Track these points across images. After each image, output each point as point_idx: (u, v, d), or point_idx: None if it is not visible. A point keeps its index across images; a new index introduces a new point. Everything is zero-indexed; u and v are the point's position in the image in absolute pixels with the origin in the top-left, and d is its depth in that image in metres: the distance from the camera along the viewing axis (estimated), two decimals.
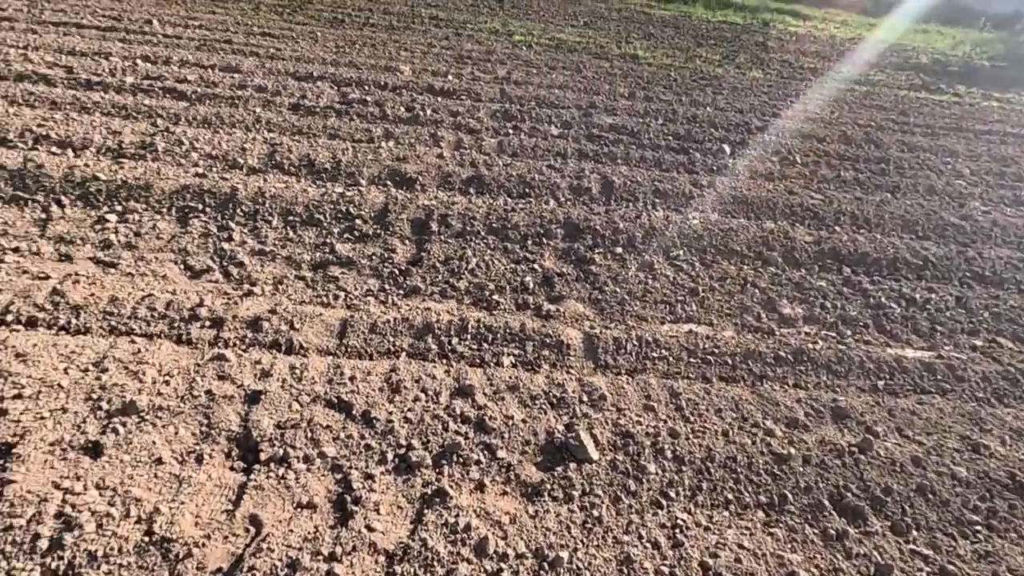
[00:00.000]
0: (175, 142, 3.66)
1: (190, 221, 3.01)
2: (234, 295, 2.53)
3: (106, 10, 6.65)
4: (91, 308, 2.31)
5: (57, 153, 3.41)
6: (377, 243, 3.00)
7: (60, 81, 4.40)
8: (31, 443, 1.68)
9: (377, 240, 3.02)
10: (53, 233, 2.83)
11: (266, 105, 4.39)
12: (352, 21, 7.41)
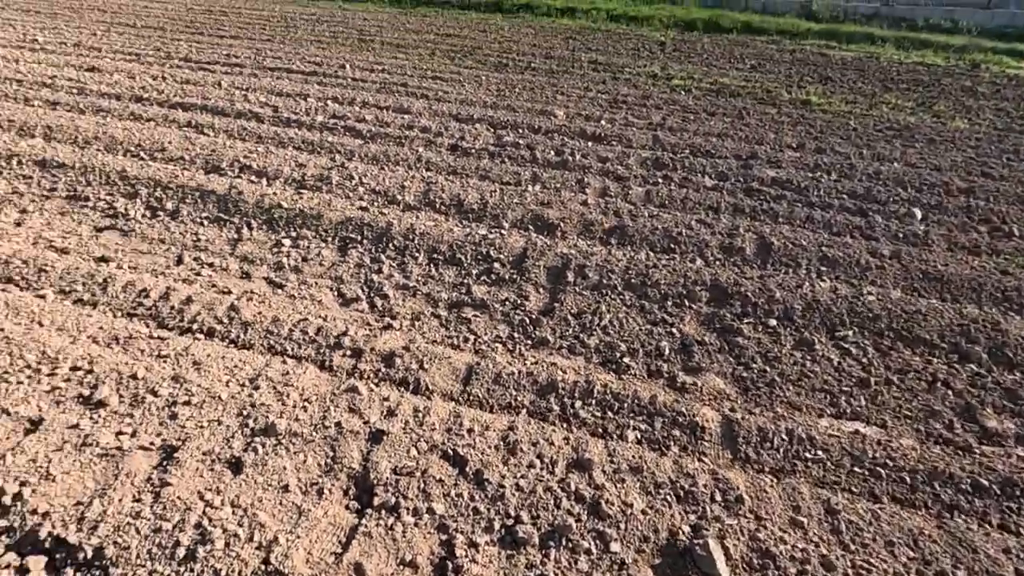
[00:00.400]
0: (347, 176, 4.06)
1: (349, 251, 3.28)
2: (375, 327, 2.67)
3: (312, 57, 7.74)
4: (257, 325, 2.58)
5: (255, 182, 3.95)
6: (512, 288, 3.00)
7: (267, 119, 5.15)
8: (189, 450, 1.87)
9: (512, 285, 3.02)
10: (240, 252, 3.25)
11: (428, 145, 4.71)
12: (515, 65, 7.79)
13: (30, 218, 3.47)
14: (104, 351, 2.33)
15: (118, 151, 4.33)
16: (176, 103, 5.43)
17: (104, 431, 1.92)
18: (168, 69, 6.69)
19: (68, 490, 1.71)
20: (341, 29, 9.92)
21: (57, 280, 2.83)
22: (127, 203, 3.66)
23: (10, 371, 2.18)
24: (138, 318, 2.60)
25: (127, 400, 2.08)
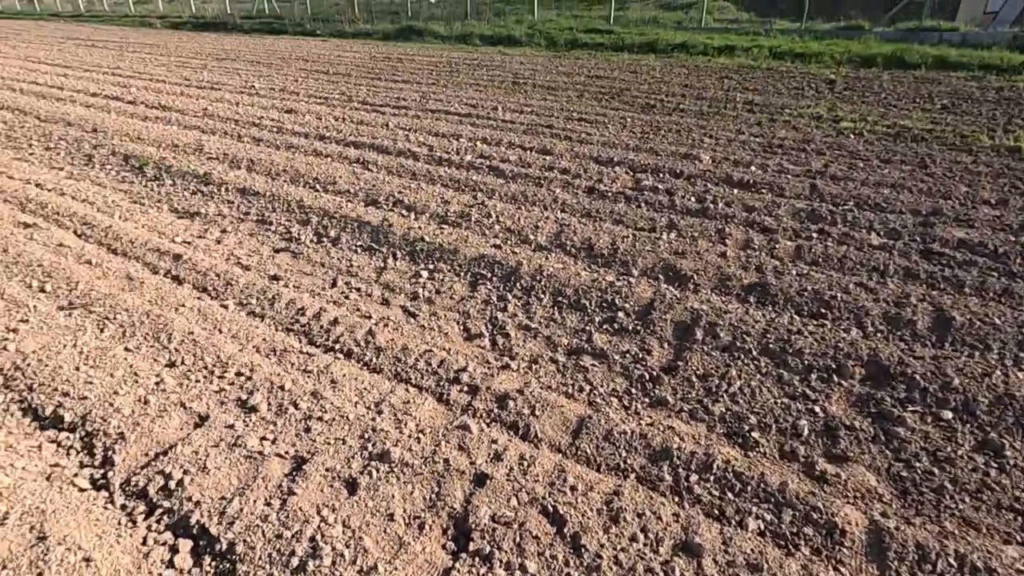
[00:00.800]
0: (485, 214, 4.26)
1: (478, 287, 3.42)
2: (494, 365, 2.73)
3: (469, 99, 8.35)
4: (388, 351, 2.77)
5: (404, 215, 4.32)
6: (634, 340, 2.89)
7: (422, 157, 5.63)
8: (315, 464, 2.05)
9: (635, 337, 2.91)
10: (383, 280, 3.55)
11: (565, 186, 4.80)
12: (663, 107, 7.67)
13: (227, 237, 4.13)
14: (263, 361, 2.66)
15: (300, 183, 5.01)
16: (350, 141, 6.17)
17: (251, 435, 2.19)
18: (348, 111, 7.66)
19: (216, 484, 1.96)
20: (498, 73, 10.60)
21: (238, 293, 3.31)
22: (300, 229, 4.21)
23: (192, 370, 2.58)
24: (293, 333, 2.94)
25: (274, 408, 2.34)
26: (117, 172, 5.45)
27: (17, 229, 4.06)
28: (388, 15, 21.49)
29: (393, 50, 14.61)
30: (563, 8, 21.83)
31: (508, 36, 15.61)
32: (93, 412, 2.29)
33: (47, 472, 2.03)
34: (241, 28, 20.66)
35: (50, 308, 3.05)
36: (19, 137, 6.54)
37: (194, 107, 7.88)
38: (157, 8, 28.69)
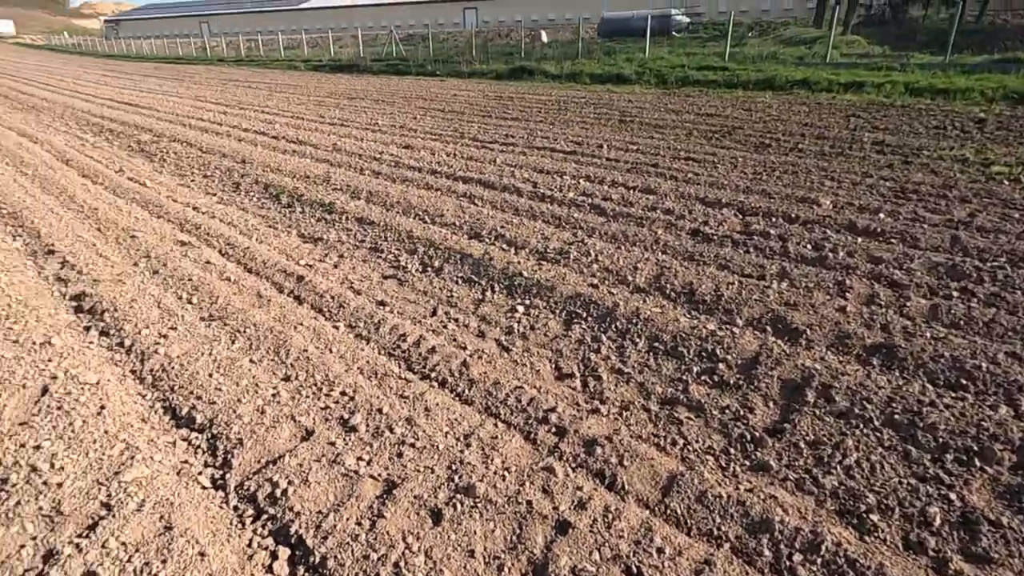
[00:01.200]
0: (584, 252, 4.27)
1: (572, 326, 3.41)
2: (583, 408, 2.69)
3: (575, 137, 8.49)
4: (480, 384, 2.83)
5: (505, 250, 4.44)
6: (735, 395, 2.72)
7: (526, 193, 5.78)
8: (404, 489, 2.12)
9: (736, 392, 2.74)
10: (480, 312, 3.65)
11: (668, 227, 4.69)
12: (779, 146, 7.30)
13: (343, 262, 4.48)
14: (365, 383, 2.83)
15: (411, 214, 5.34)
16: (459, 176, 6.50)
17: (350, 454, 2.32)
18: (459, 147, 8.09)
19: (315, 498, 2.09)
20: (605, 111, 10.70)
21: (348, 315, 3.57)
22: (408, 258, 4.47)
23: (304, 386, 2.80)
24: (394, 359, 3.10)
25: (371, 430, 2.47)
26: (258, 199, 6.14)
27: (175, 246, 4.69)
28: (503, 56, 22.61)
29: (505, 89, 15.29)
30: (676, 46, 21.70)
31: (617, 74, 15.75)
32: (219, 417, 2.55)
33: (178, 467, 2.28)
34: (371, 70, 22.71)
35: (194, 318, 3.47)
36: (184, 166, 7.60)
37: (325, 142, 8.73)
38: (302, 53, 32.41)
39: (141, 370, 2.96)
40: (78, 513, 2.02)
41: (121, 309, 3.56)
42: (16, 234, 5.02)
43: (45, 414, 2.54)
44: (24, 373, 2.85)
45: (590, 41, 26.32)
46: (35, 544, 1.91)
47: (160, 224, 5.27)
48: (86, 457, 2.29)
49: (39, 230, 5.02)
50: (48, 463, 2.24)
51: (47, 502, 2.07)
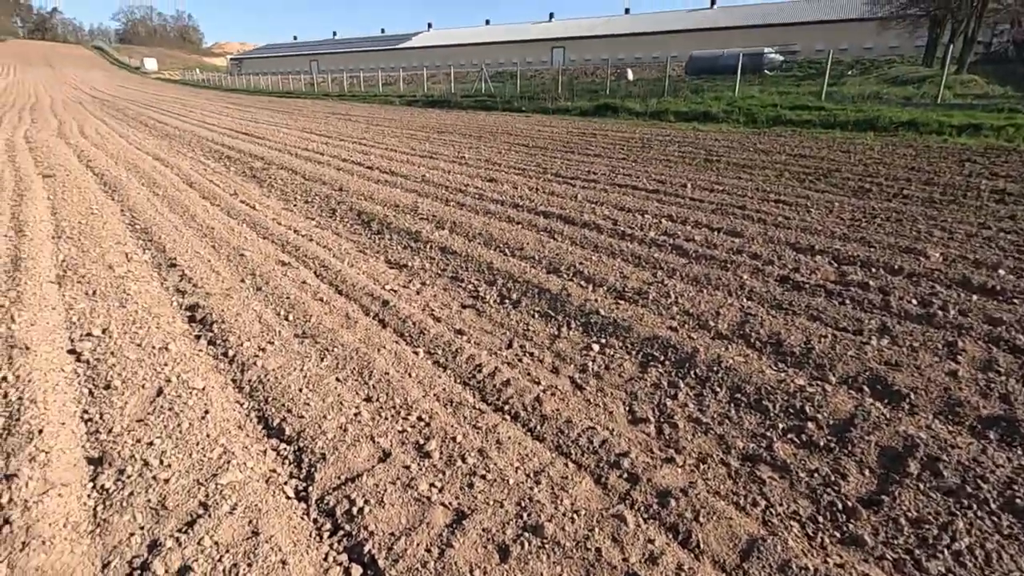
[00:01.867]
0: (663, 293, 4.19)
1: (649, 369, 3.34)
2: (657, 456, 2.61)
3: (658, 175, 8.43)
4: (552, 422, 2.82)
5: (582, 286, 4.45)
6: (826, 459, 2.54)
7: (606, 230, 5.78)
8: (473, 521, 2.14)
9: (827, 455, 2.55)
10: (556, 348, 3.66)
11: (754, 273, 4.51)
12: (881, 192, 6.87)
13: (426, 289, 4.66)
14: (441, 410, 2.90)
15: (491, 246, 5.49)
16: (540, 210, 6.62)
17: (423, 479, 2.38)
18: (542, 182, 8.25)
19: (389, 519, 2.16)
20: (690, 149, 10.56)
21: (428, 342, 3.69)
22: (487, 289, 4.58)
23: (384, 407, 2.92)
24: (469, 388, 3.17)
25: (444, 458, 2.52)
26: (351, 225, 6.56)
27: (277, 266, 5.08)
28: (588, 93, 22.98)
29: (589, 125, 15.49)
30: (767, 84, 21.13)
31: (704, 112, 15.54)
32: (306, 431, 2.71)
33: (267, 475, 2.44)
34: (460, 105, 23.81)
35: (289, 335, 3.73)
36: (289, 192, 8.28)
37: (415, 173, 9.20)
38: (398, 88, 34.59)
39: (241, 380, 3.21)
40: (180, 509, 2.20)
41: (228, 321, 3.89)
42: (146, 247, 5.66)
43: (158, 413, 2.81)
44: (144, 375, 3.18)
45: (677, 79, 26.21)
46: (143, 533, 2.10)
47: (265, 244, 5.75)
48: (189, 457, 2.50)
49: (164, 245, 5.62)
50: (158, 459, 2.47)
51: (155, 495, 2.27)
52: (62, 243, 5.64)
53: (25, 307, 4.04)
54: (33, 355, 3.35)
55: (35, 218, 6.49)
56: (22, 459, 2.47)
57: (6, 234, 5.90)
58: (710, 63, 28.94)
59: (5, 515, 2.15)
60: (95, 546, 2.07)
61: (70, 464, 2.47)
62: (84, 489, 2.34)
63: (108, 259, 5.18)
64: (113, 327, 3.78)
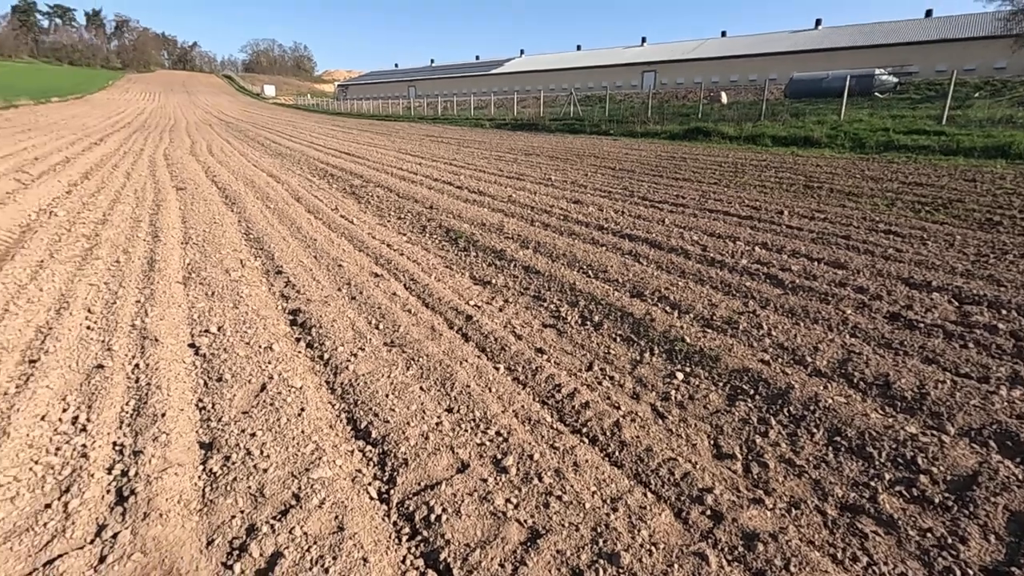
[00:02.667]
0: (755, 324, 3.98)
1: (737, 402, 3.17)
2: (744, 495, 2.46)
3: (752, 201, 8.07)
4: (632, 448, 2.75)
5: (667, 312, 4.33)
6: (942, 518, 2.28)
7: (694, 256, 5.61)
8: (548, 541, 2.12)
9: (943, 514, 2.29)
10: (637, 374, 3.58)
11: (860, 308, 4.18)
12: (1013, 225, 6.16)
13: (508, 307, 4.74)
14: (519, 427, 2.92)
15: (575, 267, 5.49)
16: (625, 234, 6.54)
17: (499, 494, 2.40)
18: (627, 205, 8.17)
19: (465, 530, 2.19)
20: (788, 175, 10.04)
21: (508, 358, 3.74)
22: (568, 310, 4.57)
23: (464, 419, 2.99)
24: (548, 407, 3.17)
25: (520, 475, 2.53)
26: (439, 241, 6.82)
27: (370, 277, 5.38)
28: (678, 117, 22.56)
29: (678, 149, 15.17)
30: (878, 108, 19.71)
31: (805, 137, 14.75)
32: (390, 435, 2.82)
33: (353, 475, 2.56)
34: (548, 128, 24.18)
35: (379, 343, 3.92)
36: (384, 208, 8.76)
37: (502, 193, 9.43)
38: (489, 112, 35.73)
39: (334, 382, 3.41)
40: (275, 498, 2.36)
41: (324, 327, 4.16)
42: (257, 255, 6.19)
43: (261, 407, 3.05)
44: (250, 371, 3.47)
45: (775, 102, 25.10)
46: (242, 517, 2.28)
47: (360, 256, 6.10)
48: (286, 451, 2.68)
49: (273, 253, 6.13)
50: (259, 450, 2.67)
51: (255, 483, 2.45)
52: (188, 248, 6.31)
53: (156, 304, 4.55)
54: (161, 346, 3.76)
55: (168, 225, 7.32)
56: (147, 438, 2.77)
57: (145, 239, 6.70)
58: (813, 85, 27.47)
59: (132, 487, 2.41)
60: (202, 523, 2.26)
61: (185, 447, 2.73)
62: (195, 471, 2.58)
63: (226, 264, 5.72)
64: (227, 326, 4.16)
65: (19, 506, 2.35)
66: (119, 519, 2.25)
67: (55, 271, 5.42)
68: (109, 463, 2.63)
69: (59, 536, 2.18)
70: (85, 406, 3.10)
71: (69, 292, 4.86)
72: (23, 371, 3.52)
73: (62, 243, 6.46)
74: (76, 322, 4.23)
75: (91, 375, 3.45)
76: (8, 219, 7.55)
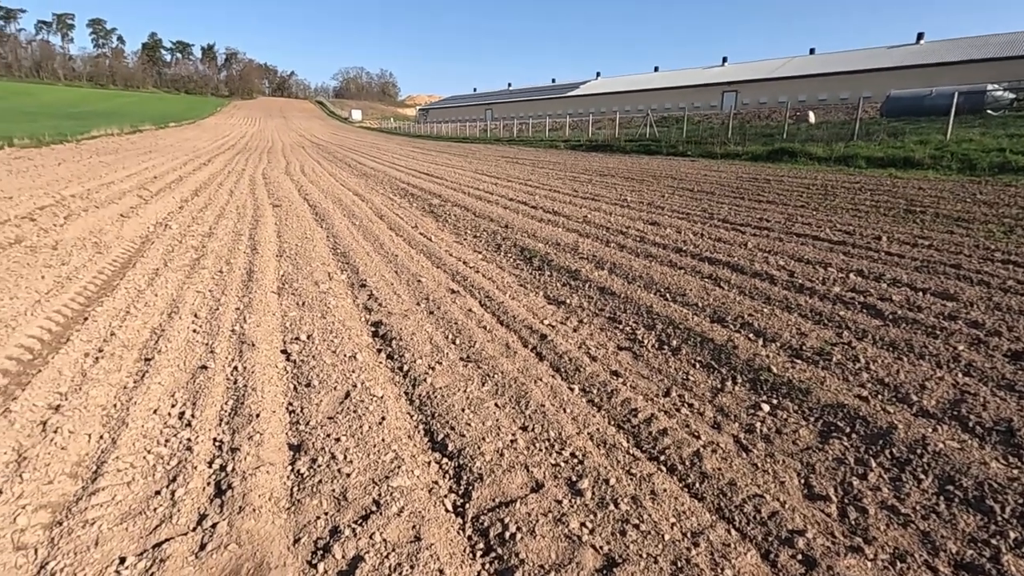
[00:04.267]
0: (850, 357, 3.71)
1: (830, 440, 2.96)
2: (840, 542, 2.28)
3: (844, 225, 7.59)
4: (713, 480, 2.62)
5: (751, 340, 4.13)
6: None
7: (780, 282, 5.33)
8: (625, 571, 2.05)
9: None
10: (718, 403, 3.42)
11: (975, 344, 3.79)
12: None
13: (582, 327, 4.70)
14: (594, 450, 2.87)
15: (651, 290, 5.37)
16: (705, 257, 6.33)
17: (574, 517, 2.36)
18: (707, 227, 7.92)
19: (539, 551, 2.17)
20: (885, 199, 9.37)
21: (583, 379, 3.70)
22: (645, 333, 4.47)
23: (538, 439, 2.97)
24: (623, 432, 3.09)
25: (596, 499, 2.48)
26: (513, 260, 6.90)
27: (447, 293, 5.52)
28: (761, 137, 21.71)
29: (761, 170, 14.58)
30: (992, 126, 18.04)
31: (905, 158, 13.73)
32: (466, 449, 2.86)
33: (430, 486, 2.61)
34: (623, 149, 24.01)
35: (455, 357, 4.00)
36: (461, 227, 9.00)
37: (576, 214, 9.43)
38: (563, 133, 36.02)
39: (412, 393, 3.51)
40: (357, 503, 2.45)
41: (404, 339, 4.31)
42: (343, 268, 6.54)
43: (345, 414, 3.19)
44: (336, 378, 3.64)
45: (869, 121, 23.59)
46: (326, 519, 2.37)
47: (438, 273, 6.29)
48: (367, 457, 2.78)
49: (358, 267, 6.45)
50: (343, 455, 2.78)
51: (338, 487, 2.56)
52: (282, 261, 6.76)
53: (253, 311, 4.90)
54: (257, 351, 4.04)
55: (265, 239, 7.89)
56: (243, 436, 2.96)
57: (244, 251, 7.25)
58: (913, 103, 25.59)
59: (229, 481, 2.59)
60: (290, 521, 2.38)
61: (276, 447, 2.90)
62: (284, 470, 2.73)
63: (315, 276, 6.08)
64: (315, 334, 4.40)
65: (134, 491, 2.58)
66: (218, 510, 2.41)
67: (168, 278, 5.98)
68: (210, 457, 2.83)
69: (166, 522, 2.37)
70: (190, 403, 3.38)
71: (179, 298, 5.33)
72: (139, 368, 3.89)
73: (174, 253, 7.13)
74: (184, 325, 4.63)
75: (196, 374, 3.75)
76: (131, 231, 8.44)
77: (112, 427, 3.13)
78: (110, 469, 2.72)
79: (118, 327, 4.56)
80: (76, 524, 2.36)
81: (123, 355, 4.06)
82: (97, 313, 4.89)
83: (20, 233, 7.53)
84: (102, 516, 2.40)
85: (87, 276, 6.01)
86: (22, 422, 3.15)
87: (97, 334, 4.44)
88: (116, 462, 2.77)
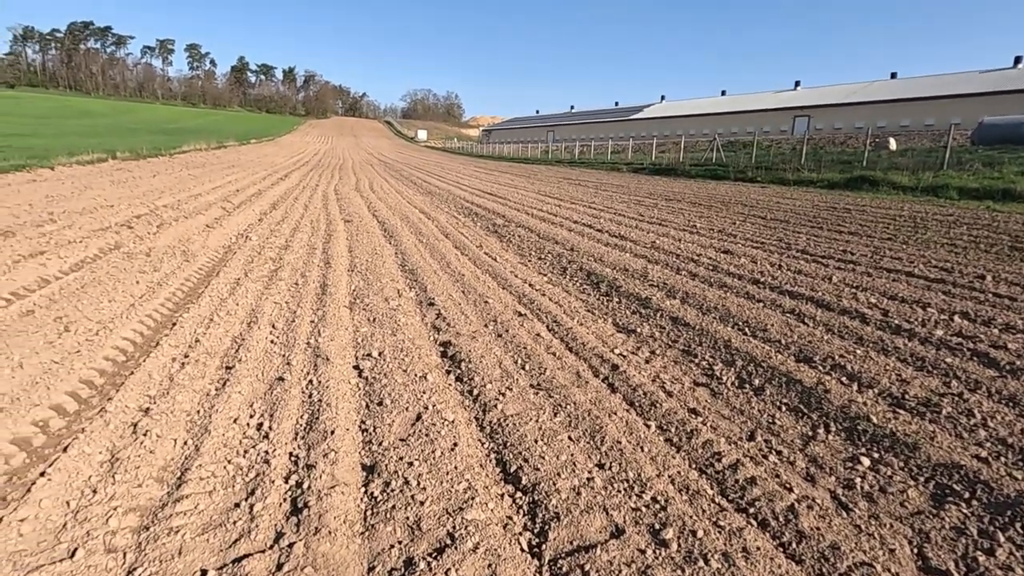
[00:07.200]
0: (963, 411, 3.36)
1: (946, 505, 2.64)
2: None
3: (940, 261, 7.02)
4: (812, 542, 2.39)
5: (844, 384, 3.82)
6: None
7: (872, 321, 4.94)
8: None
9: None
10: (810, 452, 3.16)
11: None
12: None
13: (655, 359, 4.50)
14: (677, 496, 2.69)
15: (728, 323, 5.11)
16: (786, 290, 5.99)
17: (659, 570, 2.19)
18: (785, 258, 7.52)
19: None
20: (985, 233, 8.63)
21: (659, 416, 3.51)
22: (723, 369, 4.23)
23: (616, 479, 2.82)
24: (707, 478, 2.89)
25: (683, 553, 2.30)
26: (580, 284, 6.78)
27: (514, 316, 5.47)
28: (837, 164, 20.70)
29: (839, 199, 13.84)
30: None
31: (1003, 190, 12.70)
32: (541, 485, 2.75)
33: (504, 521, 2.51)
34: (688, 173, 23.50)
35: (525, 384, 3.91)
36: (525, 248, 8.98)
37: (644, 239, 9.22)
38: (626, 156, 35.74)
39: (483, 419, 3.44)
40: (431, 535, 2.38)
41: (473, 362, 4.27)
42: (412, 285, 6.63)
43: (417, 437, 3.15)
44: (407, 398, 3.63)
45: (960, 149, 22.03)
46: (400, 548, 2.32)
47: (504, 294, 6.26)
48: (440, 485, 2.72)
49: (426, 285, 6.52)
50: (416, 480, 2.74)
51: (412, 514, 2.50)
52: (354, 276, 6.94)
53: (327, 325, 5.01)
54: (331, 365, 4.10)
55: (337, 254, 8.15)
56: (318, 453, 2.98)
57: (318, 264, 7.50)
58: (1010, 130, 23.73)
59: (305, 499, 2.59)
60: (364, 547, 2.34)
61: (350, 467, 2.89)
62: (358, 492, 2.71)
63: (385, 292, 6.19)
64: (386, 351, 4.43)
65: (215, 501, 2.63)
66: (294, 529, 2.41)
67: (248, 289, 6.24)
68: (286, 472, 2.86)
69: (245, 536, 2.38)
70: (268, 415, 3.45)
71: (258, 308, 5.54)
72: (221, 376, 4.02)
73: (254, 264, 7.47)
74: (263, 335, 4.79)
75: (273, 386, 3.84)
76: (216, 241, 8.93)
77: (195, 433, 3.23)
78: (193, 476, 2.78)
79: (203, 334, 4.77)
80: (162, 531, 2.41)
81: (207, 362, 4.22)
82: (184, 319, 5.15)
83: (119, 240, 8.12)
84: (186, 525, 2.45)
85: (176, 283, 6.36)
86: (116, 423, 3.30)
87: (184, 340, 4.66)
88: (199, 470, 2.84)
